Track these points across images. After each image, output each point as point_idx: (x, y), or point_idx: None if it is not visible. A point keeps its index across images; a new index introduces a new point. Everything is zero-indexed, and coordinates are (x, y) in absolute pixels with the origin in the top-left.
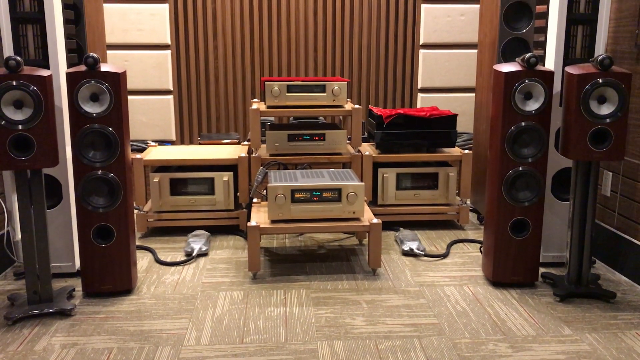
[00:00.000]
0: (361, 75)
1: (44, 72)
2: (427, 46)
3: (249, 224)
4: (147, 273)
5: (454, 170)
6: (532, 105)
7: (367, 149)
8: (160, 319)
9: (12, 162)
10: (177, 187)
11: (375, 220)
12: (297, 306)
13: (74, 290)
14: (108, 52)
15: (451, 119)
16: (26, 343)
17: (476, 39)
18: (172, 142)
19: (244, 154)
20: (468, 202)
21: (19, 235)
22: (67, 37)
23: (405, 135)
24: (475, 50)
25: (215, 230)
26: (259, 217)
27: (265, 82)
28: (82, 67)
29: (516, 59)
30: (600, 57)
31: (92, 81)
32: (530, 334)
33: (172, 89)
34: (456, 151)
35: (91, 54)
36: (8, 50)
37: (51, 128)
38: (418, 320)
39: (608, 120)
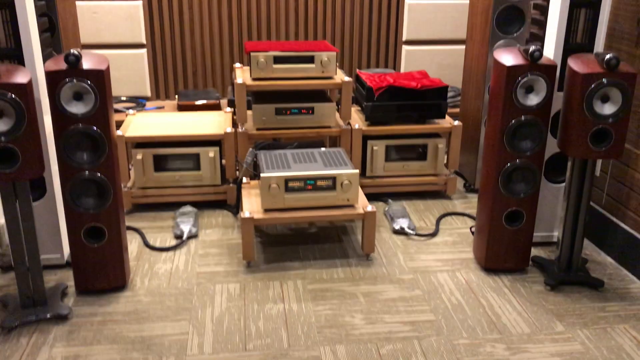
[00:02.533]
0: (344, 28)
1: (23, 77)
2: None
3: (242, 215)
4: (138, 261)
5: (443, 141)
6: (534, 100)
7: (357, 121)
8: (159, 322)
9: None
10: (161, 164)
11: (369, 208)
12: (296, 302)
13: (66, 287)
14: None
15: (442, 90)
16: (26, 356)
17: None
18: (147, 99)
19: (229, 128)
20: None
21: (1, 222)
22: (39, 15)
23: (396, 107)
24: (465, 1)
25: (202, 206)
26: (251, 204)
27: (251, 53)
28: (61, 62)
29: (518, 47)
30: (607, 58)
31: (75, 80)
32: (524, 331)
33: (144, 42)
34: (446, 122)
35: (72, 51)
36: None
37: (35, 137)
38: (416, 317)
39: (610, 120)
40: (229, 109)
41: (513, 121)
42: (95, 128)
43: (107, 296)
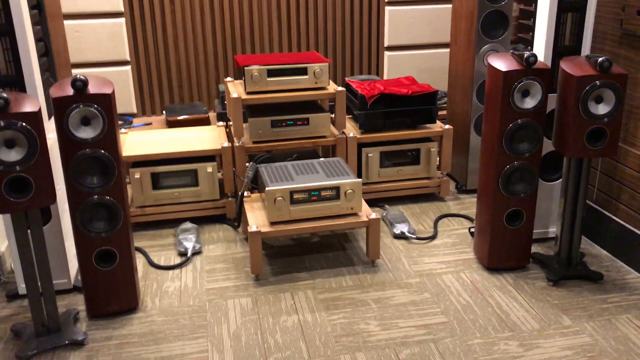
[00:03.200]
0: (327, 38)
1: (33, 106)
2: (393, 3)
3: (249, 229)
4: (145, 281)
5: (435, 145)
6: (530, 103)
7: (350, 129)
8: (177, 341)
9: (9, 205)
10: (160, 181)
11: (373, 216)
12: (309, 312)
13: (77, 313)
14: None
15: (432, 95)
16: None
17: None
18: (133, 115)
19: (226, 142)
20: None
21: (1, 250)
22: (36, 40)
23: (388, 114)
24: (443, 5)
25: (202, 221)
26: (256, 218)
27: (245, 68)
28: (67, 87)
29: (511, 53)
30: (600, 60)
31: (82, 106)
32: (534, 327)
33: (129, 59)
34: (437, 126)
35: (79, 76)
36: None
37: (47, 165)
38: (428, 320)
39: (605, 119)
40: (220, 123)
41: (511, 125)
42: (103, 151)
43: (119, 319)
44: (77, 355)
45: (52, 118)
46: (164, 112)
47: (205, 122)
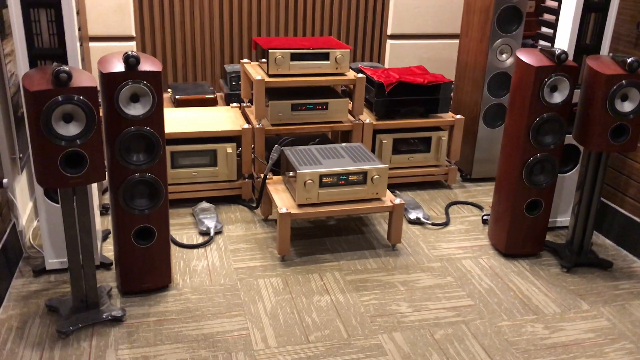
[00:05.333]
0: (332, 23)
1: (91, 81)
2: None
3: (279, 210)
4: (172, 260)
5: (445, 134)
6: (558, 98)
7: (367, 116)
8: (215, 319)
9: (65, 179)
10: (178, 160)
11: (397, 201)
12: (340, 293)
13: (111, 289)
14: None
15: (447, 85)
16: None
17: None
18: None
19: (246, 124)
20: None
21: (22, 223)
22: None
23: (404, 102)
24: None
25: (217, 201)
26: (282, 200)
27: (269, 50)
28: (116, 63)
29: (538, 49)
30: (629, 61)
31: (131, 82)
32: (556, 311)
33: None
34: (448, 116)
35: (132, 52)
36: (19, 38)
37: (100, 141)
38: (456, 302)
39: (631, 116)
40: (234, 104)
41: (538, 118)
42: (149, 128)
43: (153, 296)
44: (117, 331)
45: None
46: (169, 90)
47: (213, 102)
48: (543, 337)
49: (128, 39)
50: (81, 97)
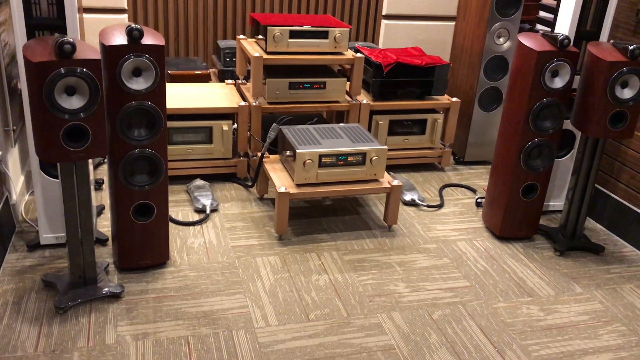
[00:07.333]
0: (327, 2)
1: (94, 53)
2: None
3: (277, 189)
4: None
5: (441, 116)
6: (559, 83)
7: (363, 96)
8: (214, 296)
9: (67, 153)
10: (173, 137)
11: (395, 182)
12: (338, 272)
13: (108, 265)
14: None
15: (444, 68)
16: (93, 336)
17: None
18: None
19: (242, 102)
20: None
21: (14, 197)
22: None
23: (401, 83)
24: None
25: (212, 179)
26: (280, 179)
27: (268, 27)
28: (119, 36)
29: (540, 34)
30: (631, 48)
31: (134, 56)
32: (550, 293)
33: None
34: (445, 98)
35: (135, 25)
36: (17, 6)
37: (103, 115)
38: (452, 283)
39: (630, 103)
40: (229, 81)
41: (538, 103)
42: (150, 103)
43: (151, 273)
44: (116, 308)
45: None
46: None
47: (206, 78)
48: (539, 319)
49: (120, 11)
50: (85, 70)
